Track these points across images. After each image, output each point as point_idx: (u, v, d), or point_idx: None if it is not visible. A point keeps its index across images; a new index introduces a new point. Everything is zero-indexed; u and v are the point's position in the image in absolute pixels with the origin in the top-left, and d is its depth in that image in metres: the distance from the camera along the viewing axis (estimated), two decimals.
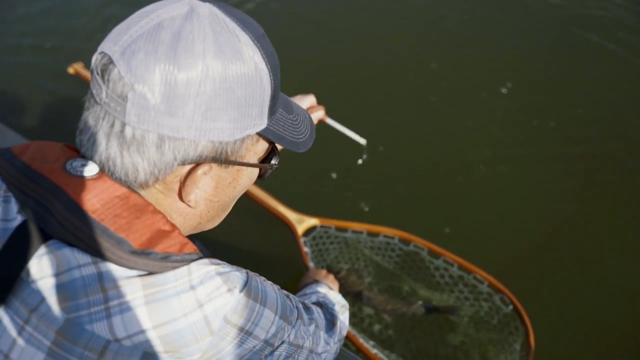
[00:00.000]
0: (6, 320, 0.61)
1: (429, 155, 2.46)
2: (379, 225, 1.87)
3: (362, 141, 1.71)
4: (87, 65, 2.45)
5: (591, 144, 2.50)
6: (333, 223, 1.90)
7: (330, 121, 1.66)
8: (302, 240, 1.84)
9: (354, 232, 1.89)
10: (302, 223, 1.86)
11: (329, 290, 1.21)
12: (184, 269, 0.63)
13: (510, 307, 1.66)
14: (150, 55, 0.60)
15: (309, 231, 1.90)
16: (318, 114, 1.53)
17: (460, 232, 2.16)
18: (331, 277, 1.51)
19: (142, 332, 0.61)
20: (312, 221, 1.88)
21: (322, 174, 2.30)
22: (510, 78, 2.77)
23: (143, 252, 0.61)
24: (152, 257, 0.61)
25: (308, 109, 1.46)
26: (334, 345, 0.99)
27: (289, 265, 1.95)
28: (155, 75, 0.60)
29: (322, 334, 0.92)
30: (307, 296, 1.16)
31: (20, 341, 0.61)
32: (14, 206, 0.65)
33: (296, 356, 0.81)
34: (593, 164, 2.42)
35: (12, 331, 0.61)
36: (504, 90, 2.72)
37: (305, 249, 1.82)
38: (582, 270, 2.02)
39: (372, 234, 1.88)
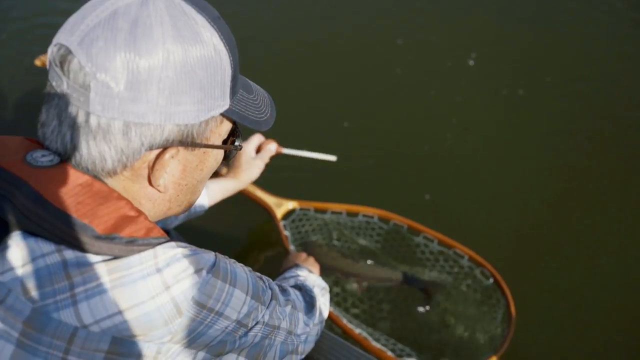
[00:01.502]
0: None
1: (394, 126, 2.43)
2: (357, 205, 1.87)
3: (332, 158, 1.69)
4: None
5: (560, 107, 2.52)
6: (312, 205, 1.89)
7: (288, 151, 1.64)
8: (281, 223, 1.83)
9: (333, 212, 1.88)
10: (280, 207, 1.85)
11: (309, 274, 1.20)
12: (149, 252, 0.63)
13: (491, 280, 1.68)
14: (110, 43, 0.60)
15: (288, 214, 1.89)
16: (270, 148, 1.56)
17: (440, 197, 2.16)
18: (311, 260, 1.50)
19: (110, 317, 0.61)
20: (290, 204, 1.87)
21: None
22: (477, 50, 2.76)
23: (108, 237, 0.61)
24: (117, 242, 0.62)
25: (260, 144, 1.57)
26: (314, 327, 0.99)
27: (269, 250, 1.94)
28: (116, 62, 0.60)
29: (301, 315, 0.92)
30: (286, 280, 1.16)
31: None
32: None
33: (273, 337, 0.81)
34: (567, 126, 2.44)
35: None
36: (471, 62, 2.71)
37: (285, 233, 1.81)
38: (561, 241, 2.03)
39: (351, 214, 1.87)
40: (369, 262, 1.86)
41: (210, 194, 1.50)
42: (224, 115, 0.72)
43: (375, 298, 1.80)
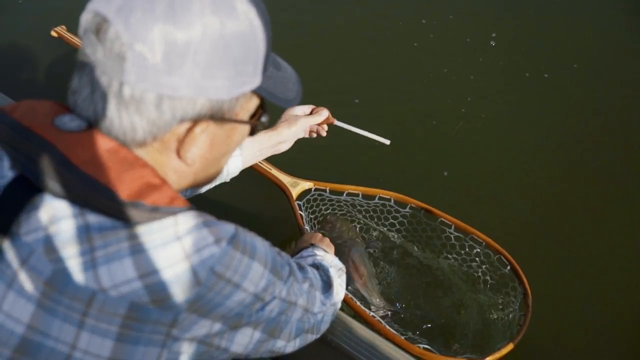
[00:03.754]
0: None
1: (405, 103, 2.39)
2: (374, 188, 1.83)
3: (386, 142, 1.58)
4: (70, 28, 2.35)
5: (585, 91, 2.44)
6: (328, 186, 1.86)
7: (340, 123, 1.54)
8: (296, 204, 1.80)
9: (349, 194, 1.85)
10: (296, 186, 1.82)
11: (325, 254, 1.19)
12: (170, 220, 0.64)
13: (508, 267, 1.64)
14: (148, 14, 0.60)
15: (303, 194, 1.86)
16: (322, 113, 1.46)
17: (458, 174, 2.11)
18: (327, 240, 1.48)
19: (128, 282, 0.62)
20: (306, 184, 1.84)
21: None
22: (499, 32, 2.69)
23: (131, 203, 0.62)
24: (140, 208, 0.62)
25: (312, 111, 1.47)
26: (331, 307, 0.99)
27: (284, 230, 1.91)
28: (154, 34, 0.60)
29: (318, 294, 0.92)
30: (303, 258, 1.15)
31: (12, 293, 0.62)
32: (5, 163, 0.66)
33: (290, 313, 0.81)
34: (595, 110, 2.36)
35: (3, 284, 0.62)
36: (492, 43, 2.64)
37: (300, 213, 1.79)
38: (581, 226, 1.98)
39: (367, 196, 1.84)
40: (385, 247, 1.84)
41: (246, 154, 1.42)
42: (254, 91, 0.72)
43: (386, 280, 1.78)
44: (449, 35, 2.71)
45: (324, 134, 1.54)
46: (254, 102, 0.75)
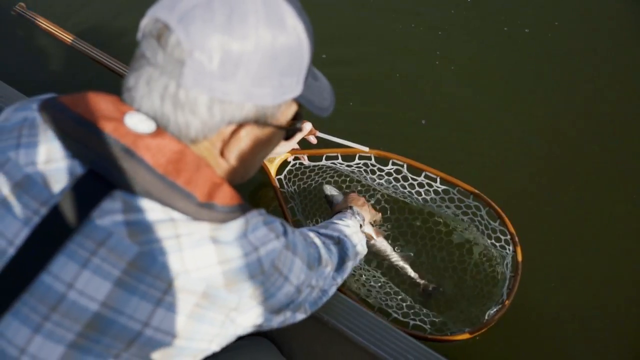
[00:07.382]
0: (69, 253, 0.64)
1: (373, 55, 2.26)
2: (352, 144, 1.75)
3: (365, 149, 1.70)
4: (29, 5, 2.21)
5: (564, 48, 2.31)
6: (305, 152, 1.79)
7: (321, 134, 1.70)
8: (276, 179, 1.73)
9: (328, 157, 1.78)
10: (273, 161, 1.75)
11: (355, 233, 1.24)
12: (242, 219, 0.70)
13: (498, 221, 1.59)
14: (208, 24, 0.65)
15: (282, 167, 1.79)
16: (305, 127, 1.62)
17: (435, 122, 2.04)
18: (367, 206, 1.53)
19: (209, 266, 0.67)
20: (282, 155, 1.76)
21: None
22: None
23: (208, 205, 0.67)
24: (215, 209, 0.67)
25: None
26: (335, 286, 1.06)
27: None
28: (212, 43, 0.65)
29: (333, 273, 1.00)
30: (334, 228, 1.18)
31: (86, 272, 0.64)
32: (58, 149, 0.68)
33: (312, 294, 0.90)
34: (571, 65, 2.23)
35: (76, 264, 0.64)
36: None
37: (282, 190, 1.73)
38: (566, 182, 1.90)
39: (346, 157, 1.77)
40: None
41: None
42: (294, 99, 0.77)
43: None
44: None
45: (314, 141, 1.73)
46: (293, 109, 0.79)
